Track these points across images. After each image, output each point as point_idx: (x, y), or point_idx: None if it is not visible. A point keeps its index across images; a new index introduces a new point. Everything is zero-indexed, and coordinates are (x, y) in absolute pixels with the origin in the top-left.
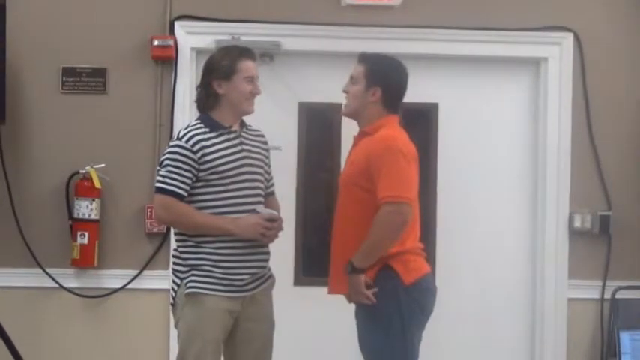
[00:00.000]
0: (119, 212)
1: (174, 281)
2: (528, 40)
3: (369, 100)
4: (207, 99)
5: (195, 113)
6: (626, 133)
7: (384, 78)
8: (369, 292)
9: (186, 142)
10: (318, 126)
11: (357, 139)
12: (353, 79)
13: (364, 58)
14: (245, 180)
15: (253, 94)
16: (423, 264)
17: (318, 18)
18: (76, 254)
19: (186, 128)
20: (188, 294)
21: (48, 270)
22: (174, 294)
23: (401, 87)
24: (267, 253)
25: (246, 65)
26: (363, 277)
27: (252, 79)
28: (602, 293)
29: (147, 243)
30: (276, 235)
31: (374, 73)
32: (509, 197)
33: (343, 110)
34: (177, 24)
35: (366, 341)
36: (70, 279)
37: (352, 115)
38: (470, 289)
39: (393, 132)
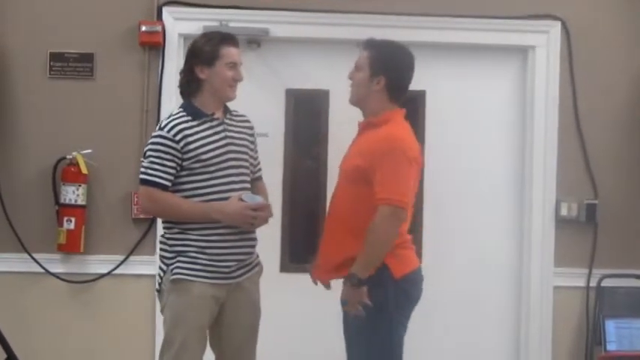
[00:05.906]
0: (106, 198)
1: (160, 267)
2: (516, 28)
3: (373, 89)
4: (188, 85)
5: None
6: (613, 121)
7: (388, 67)
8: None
9: (168, 131)
10: (305, 113)
11: (363, 128)
12: (357, 67)
13: (369, 44)
14: (230, 167)
15: (235, 80)
16: (414, 258)
17: (306, 5)
18: (62, 239)
19: (168, 117)
20: (173, 280)
21: (34, 255)
22: (160, 280)
23: (405, 77)
24: (254, 239)
25: (229, 51)
26: (366, 288)
27: (234, 66)
28: (588, 281)
29: (133, 229)
30: (265, 221)
31: (378, 61)
32: (495, 185)
33: (349, 98)
34: (165, 10)
35: (352, 329)
36: (56, 264)
37: (357, 104)
38: (456, 277)
39: (401, 131)
